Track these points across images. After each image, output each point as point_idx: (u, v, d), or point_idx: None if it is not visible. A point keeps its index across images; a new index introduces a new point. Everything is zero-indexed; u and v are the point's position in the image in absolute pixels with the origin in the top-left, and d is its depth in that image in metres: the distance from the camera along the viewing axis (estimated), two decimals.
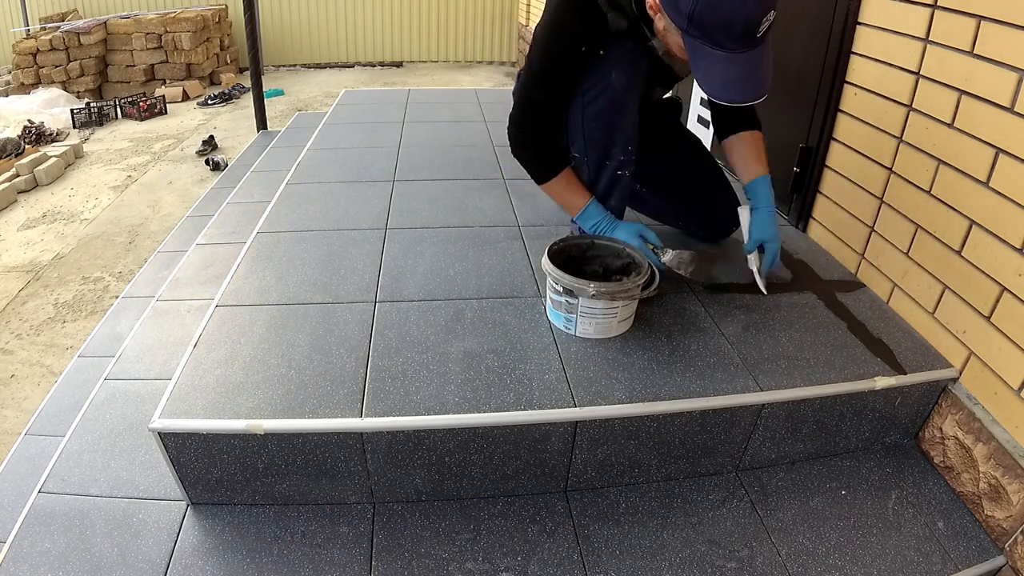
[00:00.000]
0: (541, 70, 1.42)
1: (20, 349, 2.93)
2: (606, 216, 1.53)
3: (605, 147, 1.47)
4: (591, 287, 1.31)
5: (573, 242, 1.51)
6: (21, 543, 1.18)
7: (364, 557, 1.16)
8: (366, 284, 1.58)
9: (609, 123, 1.44)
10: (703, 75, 1.20)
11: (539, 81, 1.43)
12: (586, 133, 1.47)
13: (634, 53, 1.40)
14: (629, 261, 1.49)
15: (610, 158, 1.48)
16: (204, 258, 2.22)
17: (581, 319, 1.38)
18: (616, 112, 1.43)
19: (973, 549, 1.22)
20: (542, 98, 1.45)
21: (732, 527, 1.24)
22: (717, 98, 1.22)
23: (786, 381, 1.30)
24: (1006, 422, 1.25)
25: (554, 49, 1.40)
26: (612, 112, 1.43)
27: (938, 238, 1.40)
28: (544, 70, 1.42)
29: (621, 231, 1.51)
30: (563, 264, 1.40)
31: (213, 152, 5.33)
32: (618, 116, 1.43)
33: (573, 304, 1.37)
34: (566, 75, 1.41)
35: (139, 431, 1.43)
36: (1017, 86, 1.18)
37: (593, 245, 1.52)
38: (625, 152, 1.48)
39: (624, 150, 1.48)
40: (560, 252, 1.47)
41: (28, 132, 5.57)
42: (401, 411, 1.20)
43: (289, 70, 8.37)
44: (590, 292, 1.32)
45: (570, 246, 1.50)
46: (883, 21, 1.54)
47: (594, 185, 1.54)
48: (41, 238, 3.98)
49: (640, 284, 1.36)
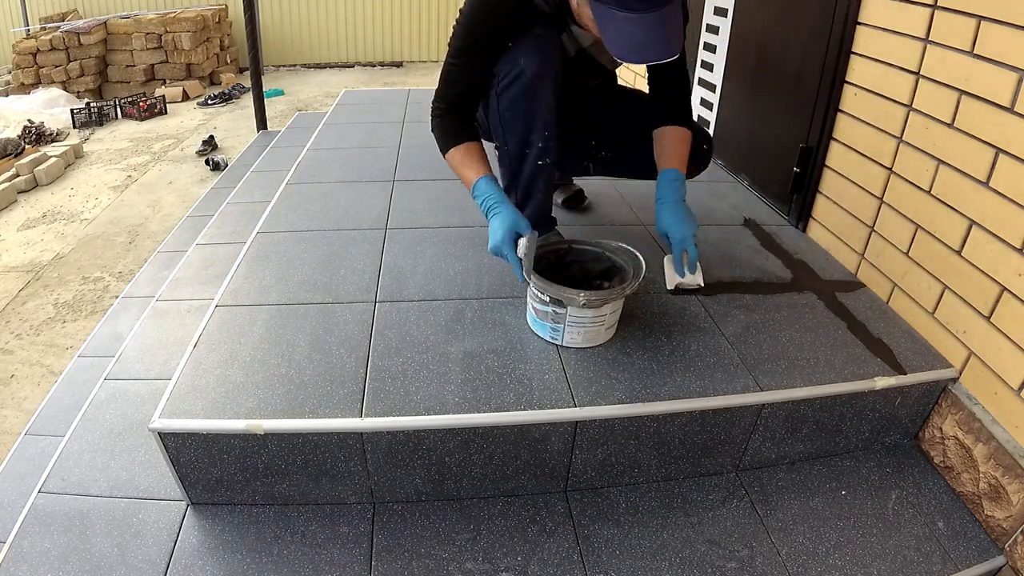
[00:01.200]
0: (458, 46, 1.43)
1: (20, 349, 2.93)
2: (495, 194, 1.42)
3: (522, 134, 1.47)
4: (581, 296, 1.26)
5: (551, 248, 1.45)
6: (21, 543, 1.18)
7: (364, 557, 1.16)
8: (366, 284, 1.59)
9: (523, 109, 1.44)
10: (613, 38, 1.22)
11: (456, 56, 1.43)
12: (502, 120, 1.47)
13: (545, 39, 1.40)
14: (610, 265, 1.44)
15: (529, 146, 1.48)
16: (204, 258, 2.22)
17: (569, 329, 1.33)
18: (528, 98, 1.42)
19: (973, 549, 1.22)
20: (457, 73, 1.45)
21: (732, 527, 1.24)
22: (628, 60, 1.24)
23: (786, 381, 1.30)
24: (1006, 422, 1.25)
25: (473, 25, 1.40)
26: (524, 98, 1.42)
27: (938, 238, 1.40)
28: (461, 46, 1.42)
29: (502, 214, 1.39)
30: (543, 271, 1.35)
31: (213, 152, 5.34)
32: (531, 102, 1.43)
33: (560, 314, 1.32)
34: (483, 52, 1.42)
35: (139, 431, 1.43)
36: (1017, 86, 1.18)
37: (571, 249, 1.47)
38: (543, 139, 1.47)
39: (542, 136, 1.46)
40: (539, 259, 1.41)
41: (28, 132, 5.57)
42: (401, 411, 1.20)
43: (289, 70, 8.38)
44: (580, 301, 1.26)
45: (548, 252, 1.44)
46: (883, 21, 1.54)
47: (517, 177, 1.53)
48: (41, 238, 3.98)
49: (630, 289, 1.32)
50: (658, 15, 1.17)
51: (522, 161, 1.50)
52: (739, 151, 2.31)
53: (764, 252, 1.80)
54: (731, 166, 2.37)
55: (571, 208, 2.00)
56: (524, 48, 1.39)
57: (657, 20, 1.18)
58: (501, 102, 1.45)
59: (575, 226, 1.89)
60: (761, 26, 2.10)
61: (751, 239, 1.87)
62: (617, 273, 1.42)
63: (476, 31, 1.41)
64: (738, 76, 2.28)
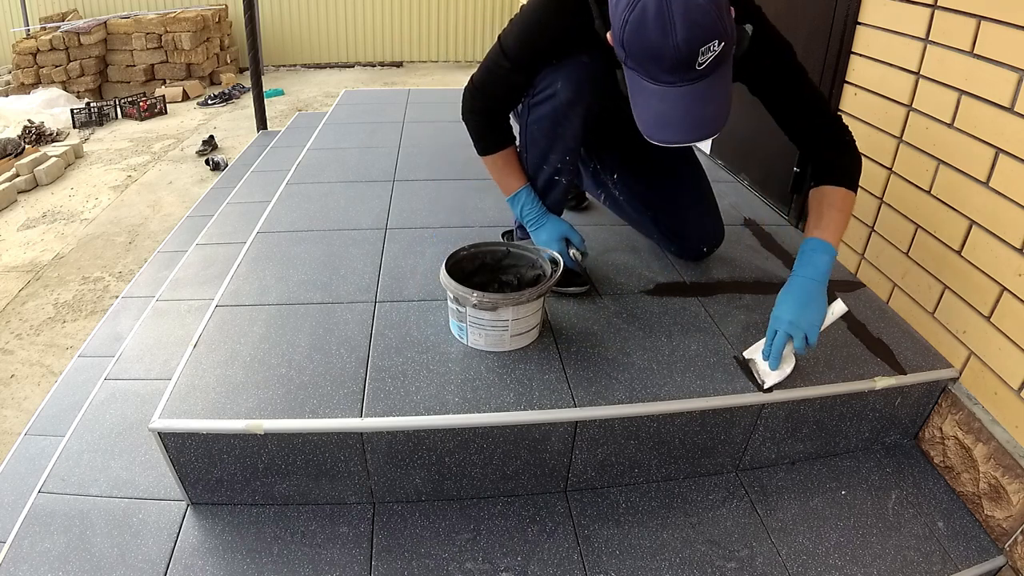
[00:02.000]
0: (512, 49, 1.34)
1: (20, 349, 2.93)
2: (537, 206, 1.45)
3: (542, 151, 1.44)
4: (473, 296, 1.25)
5: (488, 248, 1.43)
6: (21, 543, 1.18)
7: (364, 557, 1.16)
8: (366, 284, 1.58)
9: (548, 130, 1.40)
10: (637, 110, 1.10)
11: (507, 57, 1.35)
12: (528, 131, 1.44)
13: (588, 67, 1.31)
14: (540, 272, 1.41)
15: (547, 163, 1.45)
16: (204, 258, 2.22)
17: (471, 329, 1.32)
18: (555, 121, 1.38)
19: (973, 549, 1.22)
20: (504, 75, 1.37)
21: (732, 527, 1.24)
22: (650, 137, 1.10)
23: (786, 381, 1.30)
24: (1006, 422, 1.25)
25: (530, 35, 1.32)
26: (552, 121, 1.38)
27: (938, 238, 1.40)
28: (514, 51, 1.34)
29: (548, 226, 1.44)
30: (476, 271, 1.34)
31: (213, 152, 5.34)
32: (557, 126, 1.39)
33: (462, 313, 1.31)
34: (534, 63, 1.36)
35: (139, 431, 1.43)
36: (1017, 86, 1.18)
37: (509, 253, 1.44)
38: (563, 161, 1.44)
39: (562, 159, 1.43)
40: (473, 258, 1.40)
41: (28, 132, 5.57)
42: (401, 411, 1.20)
43: (289, 70, 8.37)
44: (472, 301, 1.26)
45: (484, 252, 1.42)
46: (883, 21, 1.54)
47: (532, 181, 1.50)
48: (41, 238, 3.98)
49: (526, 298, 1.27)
50: (689, 90, 1.03)
51: (538, 171, 1.49)
52: (739, 151, 2.31)
53: (764, 252, 1.80)
54: (731, 166, 2.37)
55: (570, 208, 2.00)
56: (564, 72, 1.33)
57: (687, 94, 1.03)
58: (531, 114, 1.41)
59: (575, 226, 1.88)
60: None
61: (751, 239, 1.87)
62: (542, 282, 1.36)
63: (532, 42, 1.33)
64: None
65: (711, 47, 1.00)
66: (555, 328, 1.43)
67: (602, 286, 1.60)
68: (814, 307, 1.21)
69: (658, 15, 0.98)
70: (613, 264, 1.70)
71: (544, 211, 1.47)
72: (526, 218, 1.48)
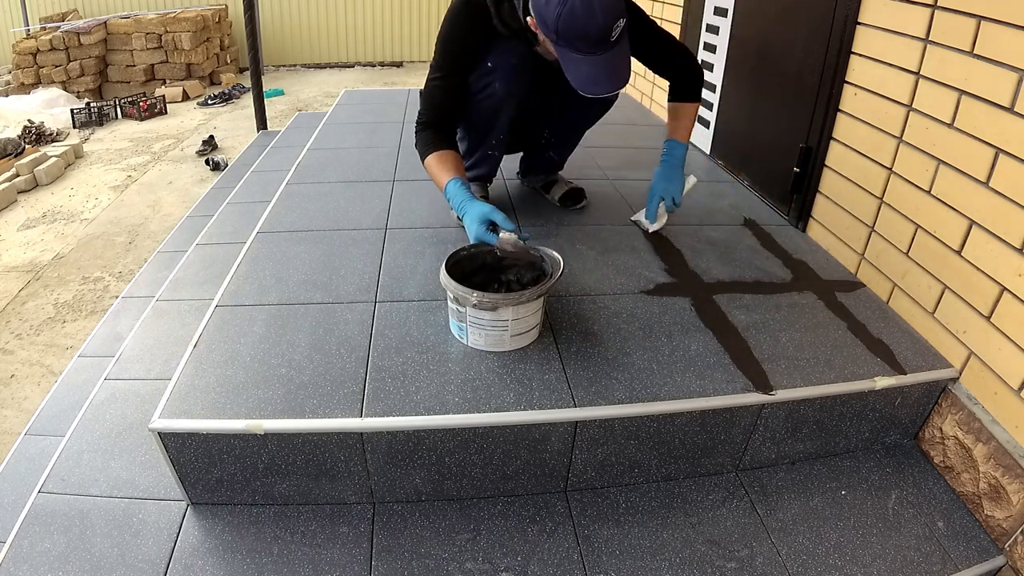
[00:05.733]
0: (436, 65, 1.67)
1: (20, 349, 2.93)
2: (463, 194, 1.56)
3: (482, 135, 1.81)
4: (473, 296, 1.25)
5: (488, 248, 1.45)
6: (21, 543, 1.18)
7: (364, 557, 1.16)
8: (366, 284, 1.59)
9: (487, 119, 1.74)
10: (571, 75, 1.43)
11: (434, 73, 1.67)
12: (468, 118, 1.76)
13: (518, 59, 1.64)
14: (540, 273, 1.42)
15: (484, 144, 1.82)
16: (204, 258, 2.22)
17: (471, 329, 1.33)
18: (494, 113, 1.73)
19: (973, 549, 1.22)
20: (437, 90, 1.67)
21: (732, 527, 1.24)
22: (584, 92, 1.44)
23: (786, 381, 1.30)
24: (1006, 422, 1.25)
25: (445, 47, 1.65)
26: (491, 112, 1.72)
27: (938, 238, 1.40)
28: (438, 65, 1.67)
29: (472, 210, 1.50)
30: (476, 271, 1.35)
31: (213, 152, 5.34)
32: (496, 116, 1.73)
33: (462, 313, 1.32)
34: (456, 70, 1.66)
35: (139, 431, 1.43)
36: (1017, 86, 1.18)
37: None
38: (497, 140, 1.81)
39: (497, 138, 1.81)
40: (473, 258, 1.42)
41: (28, 132, 5.57)
42: (401, 411, 1.20)
43: (289, 70, 8.38)
44: (472, 301, 1.26)
45: (484, 252, 1.44)
46: (883, 21, 1.54)
47: (470, 154, 1.85)
48: (41, 238, 3.98)
49: (527, 298, 1.28)
50: (607, 55, 1.40)
51: (476, 149, 1.85)
52: (739, 151, 2.31)
53: (764, 252, 1.80)
54: (731, 166, 2.37)
55: (570, 207, 2.00)
56: (500, 72, 1.65)
57: (607, 59, 1.40)
58: (471, 105, 1.71)
59: (574, 226, 1.90)
60: (761, 26, 2.10)
61: (751, 239, 1.87)
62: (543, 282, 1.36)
63: (451, 51, 1.65)
64: (738, 76, 2.28)
65: (619, 24, 1.37)
66: (555, 328, 1.43)
67: (602, 286, 1.60)
68: (676, 180, 1.80)
69: (584, 6, 1.33)
70: (613, 264, 1.70)
71: (470, 197, 1.55)
72: (454, 205, 1.58)
